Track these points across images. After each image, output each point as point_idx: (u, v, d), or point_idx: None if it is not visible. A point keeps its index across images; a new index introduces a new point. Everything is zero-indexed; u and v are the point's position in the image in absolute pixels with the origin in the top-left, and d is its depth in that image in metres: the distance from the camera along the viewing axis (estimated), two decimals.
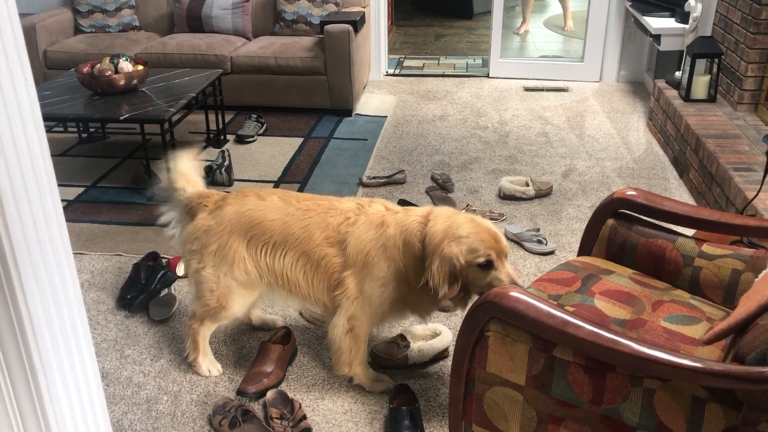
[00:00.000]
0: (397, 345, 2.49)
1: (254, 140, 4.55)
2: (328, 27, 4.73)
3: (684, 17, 4.52)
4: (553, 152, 4.34)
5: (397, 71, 6.16)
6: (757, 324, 1.50)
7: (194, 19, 5.28)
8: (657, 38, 4.63)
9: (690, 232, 2.41)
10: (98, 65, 3.83)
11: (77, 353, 1.10)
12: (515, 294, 1.64)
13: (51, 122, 4.66)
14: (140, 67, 3.89)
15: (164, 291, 2.87)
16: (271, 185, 3.90)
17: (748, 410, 1.41)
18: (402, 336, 2.51)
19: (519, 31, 7.35)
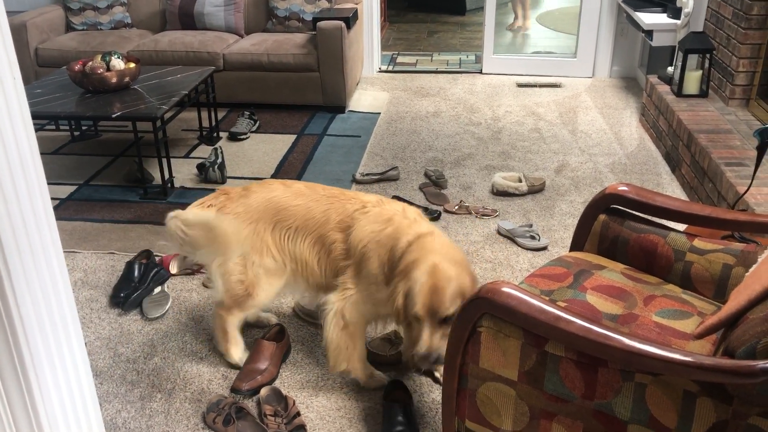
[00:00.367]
0: (391, 341, 2.50)
1: (247, 137, 4.54)
2: (321, 24, 4.72)
3: (676, 13, 4.53)
4: (546, 148, 4.34)
5: (390, 68, 6.16)
6: (747, 318, 1.50)
7: (186, 17, 5.27)
8: (649, 34, 4.64)
9: (682, 227, 2.42)
10: (90, 63, 3.81)
11: (68, 351, 1.10)
12: (507, 290, 1.65)
13: (43, 120, 4.64)
14: (132, 65, 3.88)
15: (157, 289, 2.87)
16: None
17: (739, 404, 1.42)
18: (395, 332, 2.52)
19: (512, 28, 7.35)
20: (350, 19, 4.82)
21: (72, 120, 4.38)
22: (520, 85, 5.60)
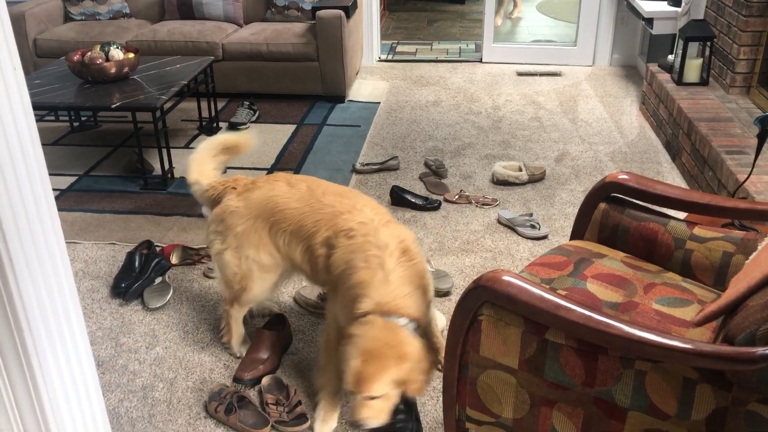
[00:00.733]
0: None
1: (247, 127, 4.54)
2: (320, 13, 4.70)
3: (676, 0, 4.51)
4: (546, 137, 4.34)
5: (390, 57, 6.14)
6: (747, 305, 1.51)
7: (185, 6, 5.25)
8: (650, 22, 4.63)
9: (682, 216, 2.43)
10: (89, 53, 3.80)
11: (71, 341, 1.11)
12: (507, 278, 1.65)
13: (42, 111, 4.63)
14: (131, 55, 3.87)
15: (158, 279, 2.88)
16: (264, 173, 3.90)
17: (738, 390, 1.43)
18: None
19: (511, 16, 7.33)
20: (350, 8, 4.80)
21: (71, 110, 4.37)
22: (520, 74, 5.58)
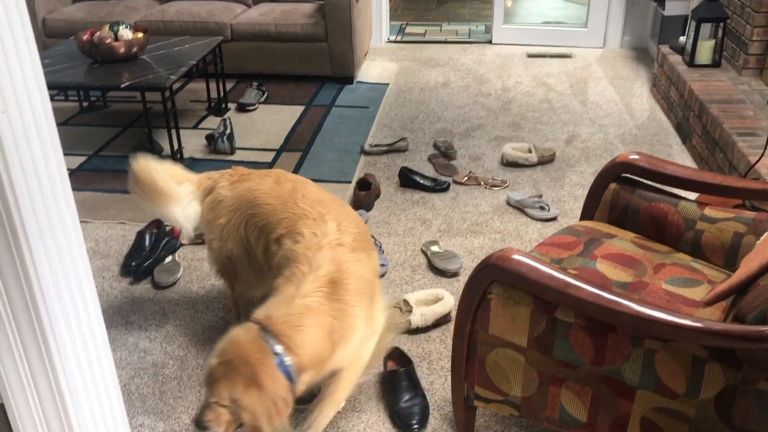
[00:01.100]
0: (400, 310, 2.51)
1: (255, 108, 4.53)
2: None
3: None
4: (556, 119, 4.32)
5: (399, 38, 6.10)
6: (758, 284, 1.51)
7: None
8: (661, 3, 4.58)
9: (692, 196, 2.41)
10: (98, 33, 3.80)
11: (85, 314, 1.12)
12: (517, 257, 1.65)
13: (52, 91, 4.64)
14: (140, 35, 3.86)
15: (168, 258, 2.89)
16: (273, 153, 3.90)
17: (748, 369, 1.43)
18: (405, 301, 2.53)
19: None
20: None
21: (81, 90, 4.38)
22: (531, 56, 5.54)
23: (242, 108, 4.48)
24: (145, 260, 2.83)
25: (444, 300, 2.53)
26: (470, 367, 1.84)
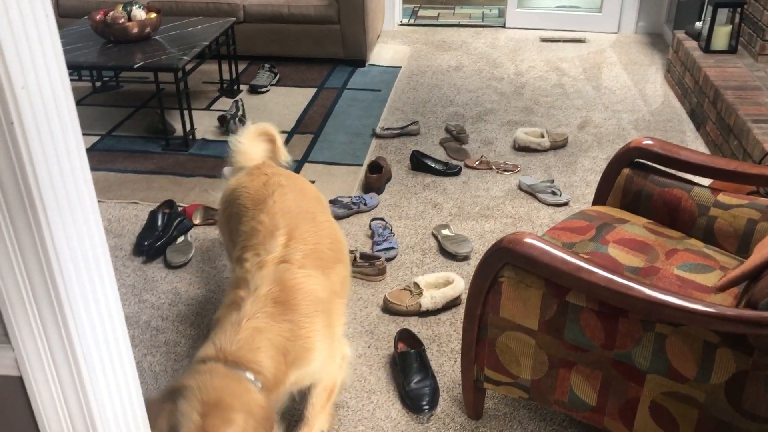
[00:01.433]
0: (410, 292, 2.52)
1: (267, 90, 4.53)
2: None
3: None
4: (569, 104, 4.29)
5: (412, 21, 6.07)
6: None
7: None
8: None
9: (706, 182, 2.40)
10: (111, 13, 3.80)
11: (101, 289, 1.13)
12: (529, 240, 1.66)
13: None
14: (153, 15, 3.86)
15: (181, 238, 2.91)
16: (285, 136, 3.90)
17: (760, 355, 1.43)
18: (415, 284, 2.54)
19: None
20: None
21: (94, 70, 4.38)
22: (544, 40, 5.50)
23: (254, 90, 4.48)
24: (158, 240, 2.85)
25: (454, 283, 2.53)
26: (480, 350, 1.85)
